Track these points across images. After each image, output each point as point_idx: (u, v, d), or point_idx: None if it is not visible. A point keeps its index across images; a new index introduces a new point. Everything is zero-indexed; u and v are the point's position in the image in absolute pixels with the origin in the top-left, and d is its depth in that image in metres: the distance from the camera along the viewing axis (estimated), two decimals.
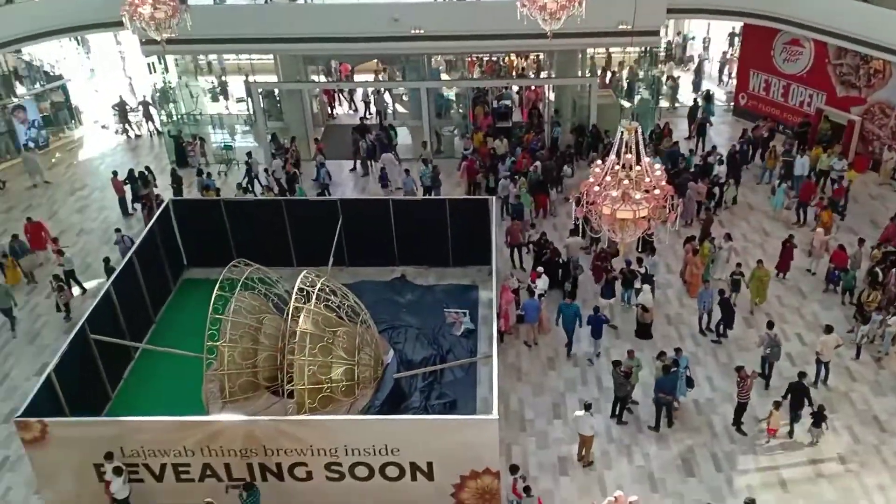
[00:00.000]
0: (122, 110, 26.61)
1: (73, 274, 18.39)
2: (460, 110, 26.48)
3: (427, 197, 20.87)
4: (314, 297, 13.35)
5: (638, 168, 9.09)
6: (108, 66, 31.14)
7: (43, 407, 12.56)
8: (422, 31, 21.55)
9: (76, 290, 18.39)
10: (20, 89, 26.34)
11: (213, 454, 12.23)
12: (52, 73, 27.42)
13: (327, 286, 13.89)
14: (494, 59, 29.18)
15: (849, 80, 23.02)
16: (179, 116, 26.15)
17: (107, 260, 17.96)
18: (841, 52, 22.81)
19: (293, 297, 13.36)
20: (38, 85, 26.71)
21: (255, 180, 22.21)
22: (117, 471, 12.16)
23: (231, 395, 13.32)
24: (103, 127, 27.29)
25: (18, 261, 18.79)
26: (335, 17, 22.05)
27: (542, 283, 17.01)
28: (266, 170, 22.53)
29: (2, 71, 25.83)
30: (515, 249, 19.03)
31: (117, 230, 19.60)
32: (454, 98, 27.16)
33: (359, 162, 23.88)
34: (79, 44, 31.67)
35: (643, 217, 9.23)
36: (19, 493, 13.59)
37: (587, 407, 13.37)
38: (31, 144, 24.94)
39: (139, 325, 16.60)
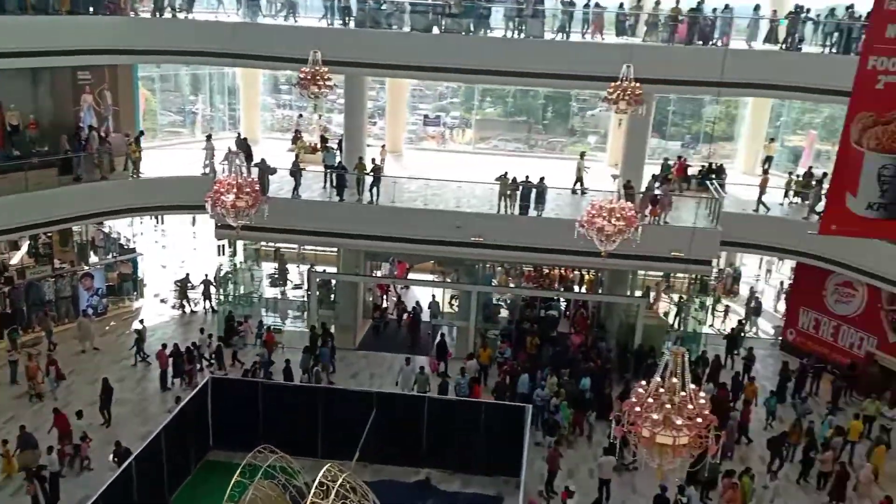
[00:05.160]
0: (183, 286, 27.56)
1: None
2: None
3: (466, 398, 20.38)
4: (332, 493, 12.80)
5: (683, 394, 8.85)
6: (178, 244, 32.79)
7: None
8: (481, 239, 22.40)
9: None
10: (93, 258, 27.71)
11: None
12: (126, 246, 28.84)
13: (349, 482, 13.34)
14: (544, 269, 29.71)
15: None
16: (235, 297, 26.99)
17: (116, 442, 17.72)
18: (894, 299, 22.59)
19: (312, 490, 12.82)
20: (110, 256, 28.05)
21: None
22: None
23: None
24: (162, 301, 28.21)
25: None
26: (402, 219, 23.08)
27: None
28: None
29: (80, 241, 27.38)
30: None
31: None
32: (504, 304, 27.67)
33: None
34: (158, 221, 33.66)
35: (683, 445, 8.88)
36: None
37: None
38: (91, 311, 25.72)
39: None
